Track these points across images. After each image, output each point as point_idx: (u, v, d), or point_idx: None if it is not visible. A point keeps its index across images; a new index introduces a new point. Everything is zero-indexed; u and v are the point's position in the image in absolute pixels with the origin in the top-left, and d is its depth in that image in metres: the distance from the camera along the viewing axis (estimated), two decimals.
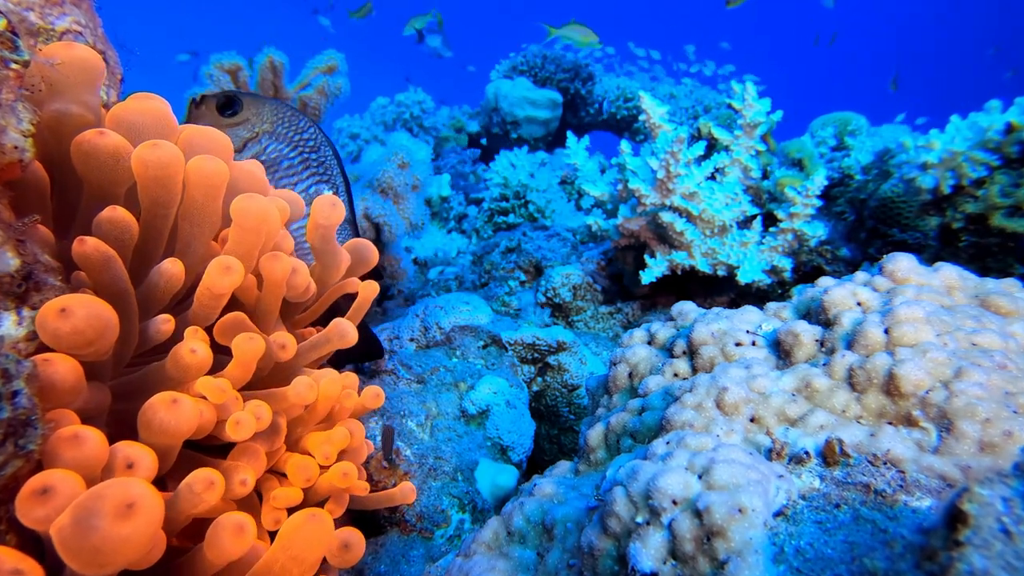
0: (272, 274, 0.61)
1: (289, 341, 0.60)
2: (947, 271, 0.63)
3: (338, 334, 0.65)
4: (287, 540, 0.49)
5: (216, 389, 0.53)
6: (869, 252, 1.45)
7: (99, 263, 0.50)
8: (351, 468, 0.62)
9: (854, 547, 0.42)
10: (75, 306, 0.44)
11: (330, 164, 0.91)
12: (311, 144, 0.90)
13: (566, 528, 0.57)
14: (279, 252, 0.62)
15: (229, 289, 0.55)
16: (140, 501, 0.38)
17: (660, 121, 1.37)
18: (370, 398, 0.71)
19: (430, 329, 1.24)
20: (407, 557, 0.80)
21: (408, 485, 0.72)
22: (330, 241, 0.69)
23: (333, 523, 0.52)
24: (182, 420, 0.49)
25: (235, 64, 1.39)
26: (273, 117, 0.88)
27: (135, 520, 0.37)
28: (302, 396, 0.58)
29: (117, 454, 0.46)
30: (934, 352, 0.51)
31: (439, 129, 3.39)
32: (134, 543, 0.37)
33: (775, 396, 0.55)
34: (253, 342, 0.55)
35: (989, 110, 1.23)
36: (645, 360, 0.73)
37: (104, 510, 0.37)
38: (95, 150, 0.52)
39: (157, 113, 0.58)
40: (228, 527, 0.46)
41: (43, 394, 0.44)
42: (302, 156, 0.89)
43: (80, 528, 0.37)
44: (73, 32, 0.54)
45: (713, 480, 0.45)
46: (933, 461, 0.47)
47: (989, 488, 0.32)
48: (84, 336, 0.44)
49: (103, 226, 0.52)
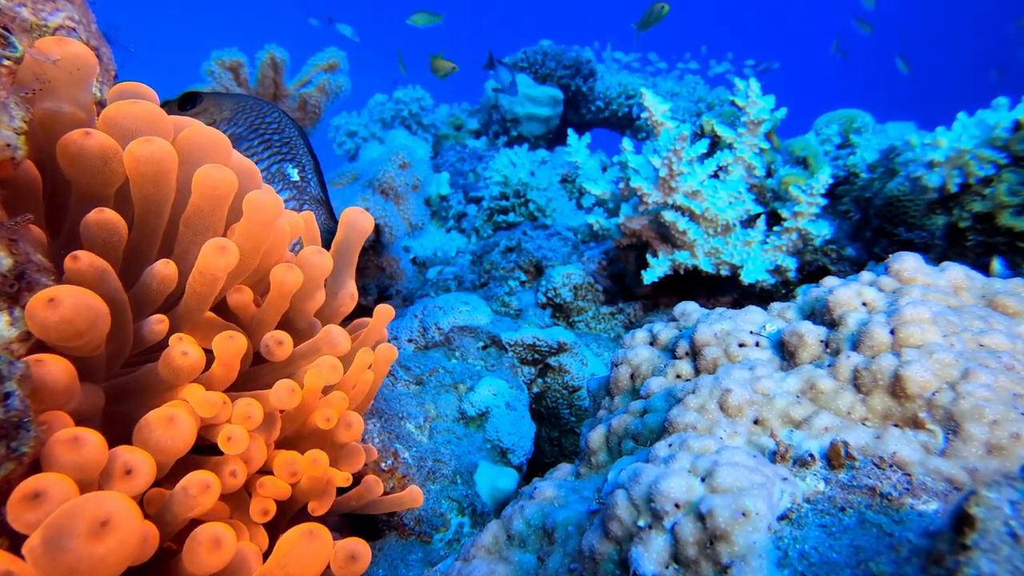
0: (282, 285, 0.59)
1: (286, 338, 0.60)
2: (954, 271, 0.63)
3: (328, 343, 0.63)
4: (283, 557, 0.48)
5: (206, 404, 0.52)
6: (875, 251, 1.44)
7: (94, 279, 0.49)
8: (321, 455, 0.61)
9: (859, 551, 0.42)
10: (64, 296, 0.43)
11: (295, 144, 0.91)
12: (273, 127, 0.90)
13: (567, 532, 0.57)
14: (294, 264, 0.61)
15: (224, 271, 0.54)
16: (115, 518, 0.36)
17: (662, 118, 1.36)
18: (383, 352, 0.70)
19: (429, 330, 1.24)
20: (405, 561, 0.79)
21: (416, 489, 0.72)
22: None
23: (332, 540, 0.51)
24: (179, 439, 0.48)
25: (236, 60, 1.39)
26: (233, 105, 0.90)
27: (110, 538, 0.36)
28: (283, 401, 0.58)
29: (116, 459, 0.45)
30: (941, 353, 0.51)
31: (438, 127, 3.38)
32: (110, 563, 0.36)
33: (779, 398, 0.54)
34: (234, 341, 0.54)
35: (996, 107, 1.22)
36: (647, 361, 0.73)
37: (76, 530, 0.35)
38: (82, 151, 0.51)
39: (149, 114, 0.56)
40: (204, 541, 0.45)
41: (36, 396, 0.43)
42: (262, 137, 0.89)
43: (51, 549, 0.35)
44: (66, 28, 0.54)
45: (716, 483, 0.45)
46: (940, 464, 0.47)
47: (996, 491, 0.32)
48: (73, 326, 0.43)
49: (91, 228, 0.51)
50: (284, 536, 0.49)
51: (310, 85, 1.46)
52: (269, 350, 0.60)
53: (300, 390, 0.59)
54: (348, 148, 3.20)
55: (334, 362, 0.62)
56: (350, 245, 0.71)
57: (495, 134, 3.38)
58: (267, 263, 0.64)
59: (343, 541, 0.54)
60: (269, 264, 0.64)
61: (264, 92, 1.41)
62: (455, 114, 3.51)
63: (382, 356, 0.71)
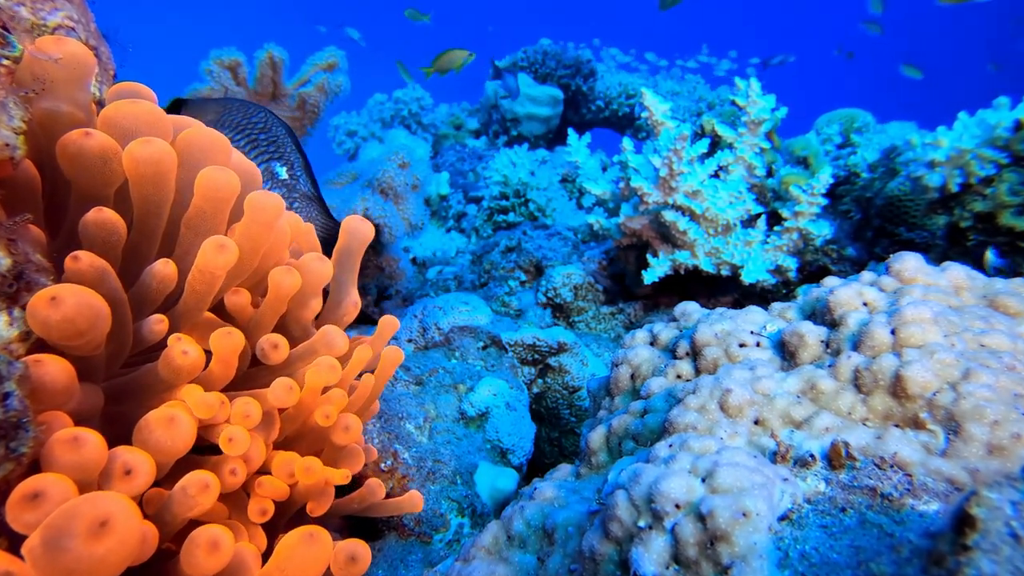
0: (279, 287, 0.59)
1: (281, 341, 0.60)
2: (955, 271, 0.63)
3: (325, 344, 0.63)
4: (283, 560, 0.48)
5: (204, 405, 0.52)
6: (875, 251, 1.44)
7: (94, 279, 0.49)
8: (314, 463, 0.60)
9: (860, 551, 0.42)
10: (66, 295, 0.43)
11: (282, 142, 0.91)
12: (260, 126, 0.90)
13: (567, 532, 0.57)
14: (293, 268, 0.60)
15: (223, 269, 0.54)
16: (114, 518, 0.36)
17: (663, 118, 1.36)
18: (390, 353, 0.69)
19: (428, 330, 1.24)
20: (405, 562, 0.79)
21: (416, 494, 0.71)
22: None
23: (332, 542, 0.51)
24: (178, 440, 0.48)
25: (234, 60, 1.38)
26: (218, 108, 0.90)
27: (109, 538, 0.36)
28: (281, 399, 0.58)
29: (116, 459, 0.45)
30: (941, 353, 0.51)
31: (438, 126, 3.37)
32: (110, 563, 0.36)
33: (780, 398, 0.54)
34: (232, 336, 0.54)
35: (997, 107, 1.21)
36: (647, 361, 0.73)
37: (76, 530, 0.35)
38: (81, 151, 0.51)
39: (150, 115, 0.56)
40: (202, 543, 0.45)
41: (35, 396, 0.43)
42: (248, 137, 0.89)
43: (50, 549, 0.35)
44: (65, 27, 0.54)
45: (717, 483, 0.45)
46: (940, 464, 0.47)
47: (998, 492, 0.32)
48: (75, 325, 0.43)
49: (90, 228, 0.51)
50: (284, 539, 0.49)
51: (309, 84, 1.45)
52: (265, 353, 0.60)
53: (298, 388, 0.59)
54: (348, 148, 3.20)
55: (332, 362, 0.61)
56: (352, 252, 0.71)
57: (495, 134, 3.37)
58: (266, 265, 0.63)
59: (343, 542, 0.54)
60: (268, 266, 0.64)
61: (263, 91, 1.41)
62: (455, 114, 3.50)
63: (388, 359, 0.70)
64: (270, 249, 0.62)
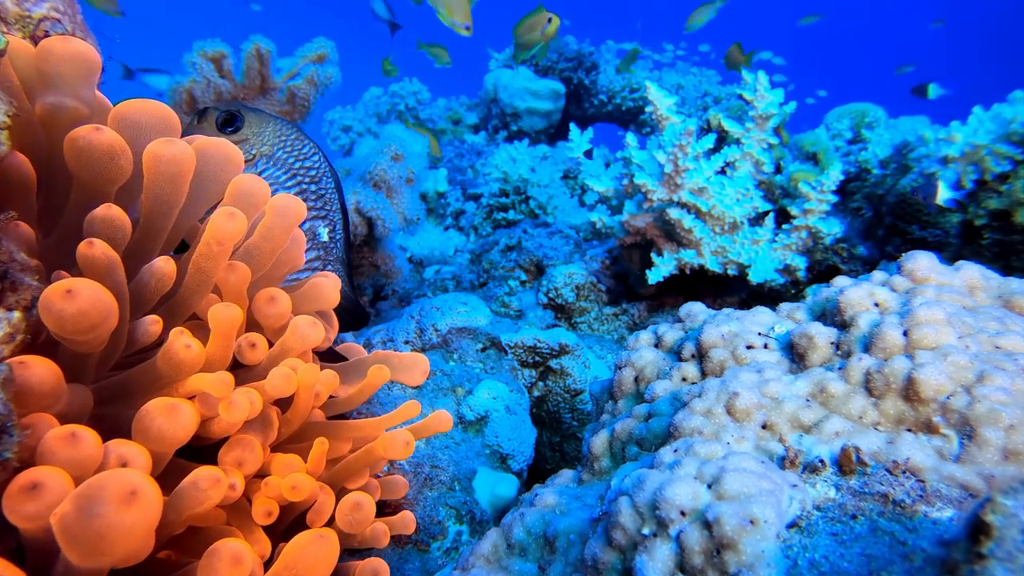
0: (267, 318, 0.60)
1: (260, 340, 0.59)
2: (969, 270, 0.62)
3: (298, 337, 0.61)
4: (291, 559, 0.48)
5: (220, 384, 0.52)
6: (887, 250, 1.42)
7: (104, 268, 0.49)
8: (301, 481, 0.59)
9: (871, 560, 0.41)
10: (81, 288, 0.44)
11: (329, 198, 0.87)
12: (312, 174, 0.86)
13: (569, 540, 0.56)
14: (316, 321, 0.60)
15: (232, 239, 0.54)
16: (141, 489, 0.38)
17: (667, 113, 1.34)
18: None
19: (426, 331, 1.22)
20: (402, 571, 0.78)
21: (408, 515, 0.70)
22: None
23: (339, 544, 0.50)
24: (179, 427, 0.48)
25: (219, 52, 1.36)
26: (274, 139, 0.85)
27: (138, 507, 0.37)
28: (279, 388, 0.56)
29: (110, 453, 0.45)
30: (955, 355, 0.50)
31: (435, 121, 3.35)
32: (137, 531, 0.37)
33: (788, 401, 0.53)
34: (230, 309, 0.53)
35: (1013, 101, 1.19)
36: (652, 364, 0.72)
37: (108, 497, 0.37)
38: (90, 146, 0.51)
39: (160, 113, 0.58)
40: (225, 557, 0.45)
41: (20, 399, 0.43)
42: (300, 187, 0.85)
43: (83, 515, 0.36)
44: (51, 19, 0.53)
45: (723, 490, 0.44)
46: (954, 470, 0.46)
47: (1013, 499, 0.31)
48: (88, 319, 0.44)
49: (96, 224, 0.51)
50: (294, 539, 0.49)
51: (298, 77, 1.42)
52: (241, 352, 0.59)
53: (295, 374, 0.58)
54: (343, 143, 3.17)
55: (310, 363, 0.61)
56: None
57: (495, 129, 3.35)
58: (277, 272, 0.64)
59: (365, 562, 0.54)
60: (279, 274, 0.65)
61: (250, 85, 1.39)
62: (453, 108, 3.47)
63: (373, 378, 0.68)
64: (280, 259, 0.64)
